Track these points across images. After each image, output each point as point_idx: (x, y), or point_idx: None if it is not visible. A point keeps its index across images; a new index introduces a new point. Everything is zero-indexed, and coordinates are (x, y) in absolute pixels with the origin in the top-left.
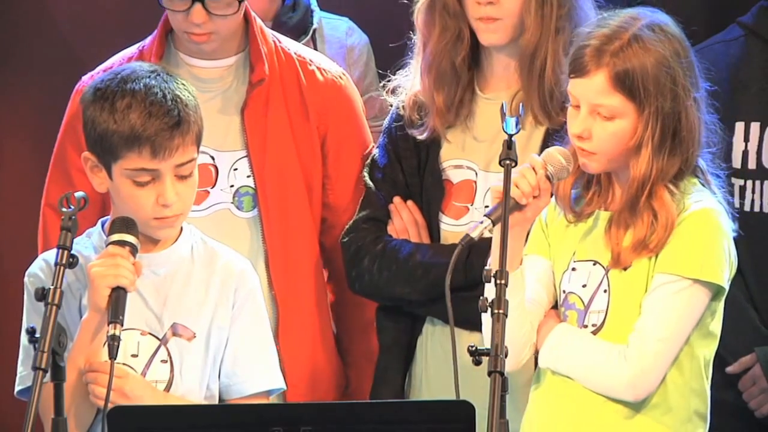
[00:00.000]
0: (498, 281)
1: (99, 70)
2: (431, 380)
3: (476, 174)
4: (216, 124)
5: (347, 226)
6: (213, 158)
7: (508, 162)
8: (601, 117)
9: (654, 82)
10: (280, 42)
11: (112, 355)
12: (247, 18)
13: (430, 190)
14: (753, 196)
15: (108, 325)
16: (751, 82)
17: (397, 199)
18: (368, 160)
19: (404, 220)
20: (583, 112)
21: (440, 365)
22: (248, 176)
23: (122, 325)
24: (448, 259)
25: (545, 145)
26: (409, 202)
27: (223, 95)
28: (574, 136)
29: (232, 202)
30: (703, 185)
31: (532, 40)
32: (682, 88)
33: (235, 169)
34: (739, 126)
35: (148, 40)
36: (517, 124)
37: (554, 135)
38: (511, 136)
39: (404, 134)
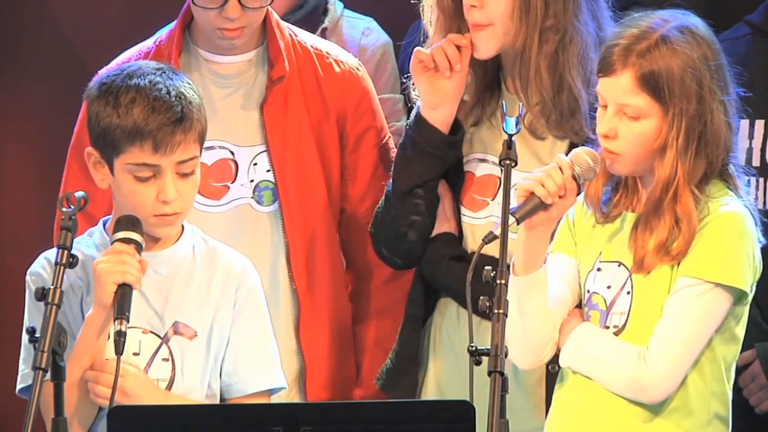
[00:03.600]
0: (498, 281)
1: (114, 63)
2: (440, 375)
3: (501, 170)
4: (235, 119)
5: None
6: (233, 153)
7: (508, 162)
8: (627, 117)
9: (679, 83)
10: (296, 35)
11: (119, 350)
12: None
13: (450, 179)
14: (756, 193)
15: (114, 321)
16: (756, 80)
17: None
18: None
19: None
20: (610, 112)
21: (448, 360)
22: (268, 170)
23: (128, 321)
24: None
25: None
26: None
27: (241, 90)
28: (600, 136)
29: (252, 197)
30: (730, 190)
31: (513, 43)
32: (709, 91)
33: (255, 164)
34: (744, 123)
35: (164, 35)
36: (517, 124)
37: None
38: (511, 135)
39: None
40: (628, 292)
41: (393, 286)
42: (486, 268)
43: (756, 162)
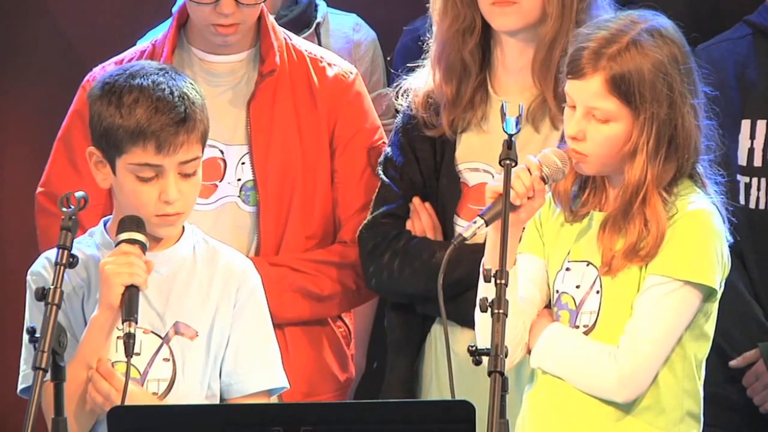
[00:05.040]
0: (498, 281)
1: (111, 62)
2: (442, 381)
3: (493, 177)
4: (225, 117)
5: (365, 222)
6: (222, 152)
7: (508, 162)
8: (596, 119)
9: (650, 88)
10: (290, 39)
11: (129, 353)
12: (260, 13)
13: (445, 192)
14: (758, 194)
15: (122, 323)
16: (757, 80)
17: (416, 200)
18: (381, 158)
19: (423, 223)
20: (578, 114)
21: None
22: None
23: (137, 323)
24: (472, 257)
25: None
26: (427, 204)
27: (233, 89)
28: (568, 137)
29: (238, 196)
30: (697, 187)
31: (553, 27)
32: (679, 95)
33: (243, 163)
34: (745, 123)
35: (160, 35)
36: (517, 124)
37: None
38: (511, 136)
39: (421, 134)
40: (598, 292)
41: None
42: (486, 268)
43: (758, 162)
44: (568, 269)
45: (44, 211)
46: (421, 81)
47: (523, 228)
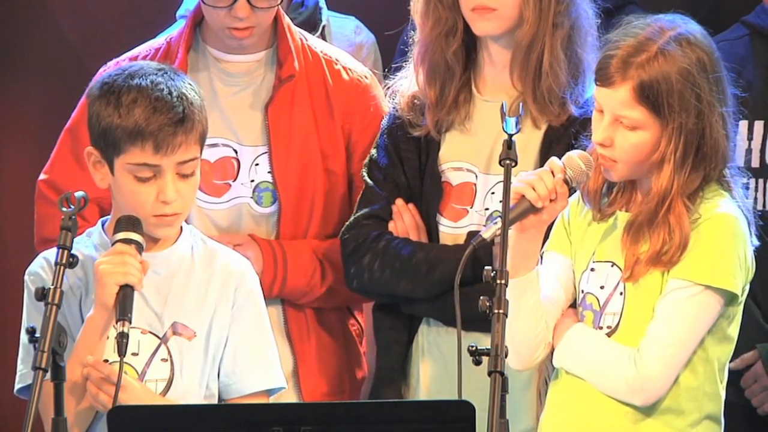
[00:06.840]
0: (498, 281)
1: (125, 56)
2: (429, 381)
3: (476, 176)
4: (241, 118)
5: (348, 223)
6: (236, 152)
7: (508, 162)
8: (623, 126)
9: (678, 97)
10: (306, 40)
11: (122, 352)
12: (275, 14)
13: (428, 192)
14: (756, 195)
15: (116, 322)
16: (755, 81)
17: (399, 202)
18: (366, 159)
19: (406, 224)
20: (606, 121)
21: (437, 366)
22: (269, 172)
23: (130, 323)
24: (452, 257)
25: (544, 147)
26: (410, 205)
27: (249, 90)
28: (596, 143)
29: (251, 197)
30: (724, 191)
31: (529, 32)
32: (707, 104)
33: (257, 164)
34: (743, 124)
35: (175, 33)
36: (517, 124)
37: (557, 132)
38: (511, 135)
39: (405, 135)
40: (621, 293)
41: None
42: (486, 268)
43: (755, 163)
44: (592, 269)
45: (43, 199)
46: (407, 82)
47: (545, 230)
